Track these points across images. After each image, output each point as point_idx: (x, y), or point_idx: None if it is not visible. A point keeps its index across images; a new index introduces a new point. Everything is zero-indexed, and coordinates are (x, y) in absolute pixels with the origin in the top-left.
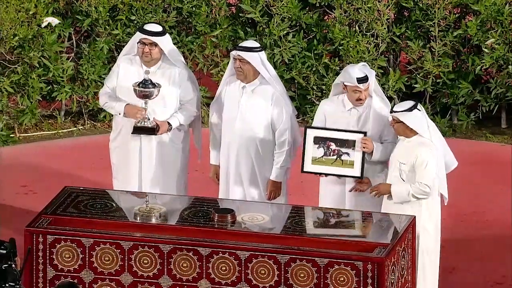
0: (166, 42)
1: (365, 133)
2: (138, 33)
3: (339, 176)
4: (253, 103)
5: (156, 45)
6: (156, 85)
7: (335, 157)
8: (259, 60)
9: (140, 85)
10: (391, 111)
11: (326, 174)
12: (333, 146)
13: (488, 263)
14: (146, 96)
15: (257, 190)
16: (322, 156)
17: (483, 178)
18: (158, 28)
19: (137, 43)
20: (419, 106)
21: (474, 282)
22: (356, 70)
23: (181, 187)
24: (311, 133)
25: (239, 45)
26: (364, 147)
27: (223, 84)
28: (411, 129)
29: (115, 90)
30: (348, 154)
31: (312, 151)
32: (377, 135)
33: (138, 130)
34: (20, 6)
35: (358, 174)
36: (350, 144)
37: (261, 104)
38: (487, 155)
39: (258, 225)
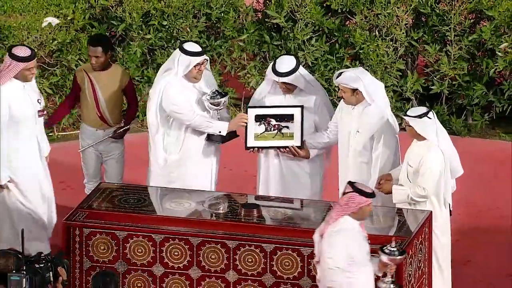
0: None
1: (302, 106)
2: (192, 57)
3: (280, 148)
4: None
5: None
6: (224, 94)
7: (275, 131)
8: (302, 79)
9: (210, 97)
10: (405, 114)
11: (269, 148)
12: (273, 122)
13: (503, 256)
14: (216, 106)
15: (299, 189)
16: (263, 132)
17: (496, 175)
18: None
19: (194, 67)
20: (430, 113)
21: (489, 274)
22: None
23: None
24: (252, 112)
25: (280, 71)
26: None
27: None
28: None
29: (192, 106)
30: (287, 127)
31: (254, 128)
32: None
33: (210, 138)
34: (59, 12)
35: (299, 144)
36: (289, 118)
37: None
38: (501, 153)
39: (283, 220)
